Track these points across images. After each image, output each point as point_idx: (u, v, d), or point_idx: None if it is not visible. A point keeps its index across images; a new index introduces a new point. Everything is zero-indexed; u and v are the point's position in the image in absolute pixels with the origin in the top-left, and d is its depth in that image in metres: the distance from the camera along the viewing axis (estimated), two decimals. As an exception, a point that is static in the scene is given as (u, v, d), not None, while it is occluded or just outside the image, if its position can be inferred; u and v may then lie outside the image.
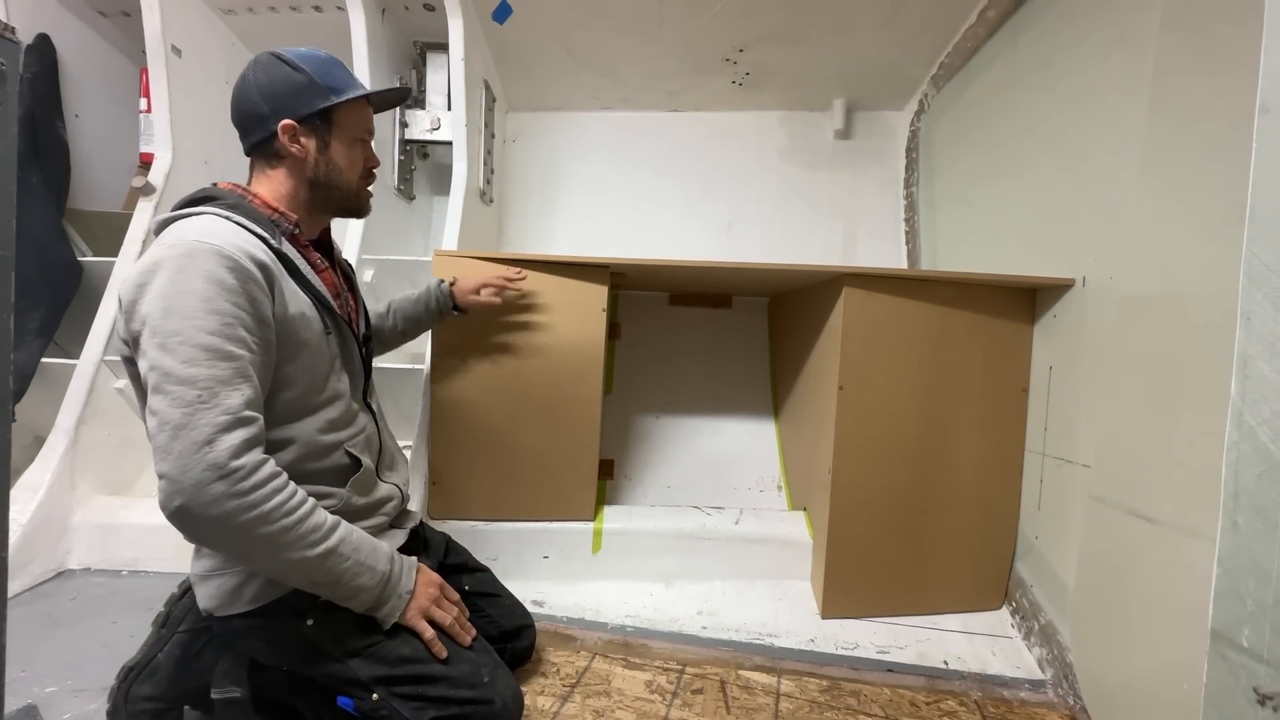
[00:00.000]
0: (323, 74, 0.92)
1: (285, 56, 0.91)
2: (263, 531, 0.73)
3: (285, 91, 0.90)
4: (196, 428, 0.70)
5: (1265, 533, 0.65)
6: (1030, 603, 1.31)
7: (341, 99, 0.92)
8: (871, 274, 1.35)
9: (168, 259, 0.75)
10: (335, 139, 0.94)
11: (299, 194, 0.94)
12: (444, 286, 1.32)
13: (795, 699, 1.12)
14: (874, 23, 1.85)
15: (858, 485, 1.35)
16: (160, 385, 0.72)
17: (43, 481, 1.52)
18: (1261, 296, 0.67)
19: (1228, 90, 0.88)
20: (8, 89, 0.63)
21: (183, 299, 0.73)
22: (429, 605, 0.90)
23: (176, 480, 0.70)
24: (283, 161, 0.92)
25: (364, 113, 0.98)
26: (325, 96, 0.91)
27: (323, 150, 0.93)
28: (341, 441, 0.92)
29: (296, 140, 0.91)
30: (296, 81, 0.90)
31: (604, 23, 1.92)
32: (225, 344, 0.74)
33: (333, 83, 0.92)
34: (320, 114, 0.91)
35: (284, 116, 0.89)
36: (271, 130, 0.89)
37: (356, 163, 0.97)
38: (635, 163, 2.34)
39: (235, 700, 0.90)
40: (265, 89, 0.89)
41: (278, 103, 0.89)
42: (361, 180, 0.99)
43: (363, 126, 0.98)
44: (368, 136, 0.99)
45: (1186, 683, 0.82)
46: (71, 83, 2.02)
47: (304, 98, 0.90)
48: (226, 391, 0.73)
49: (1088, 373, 1.20)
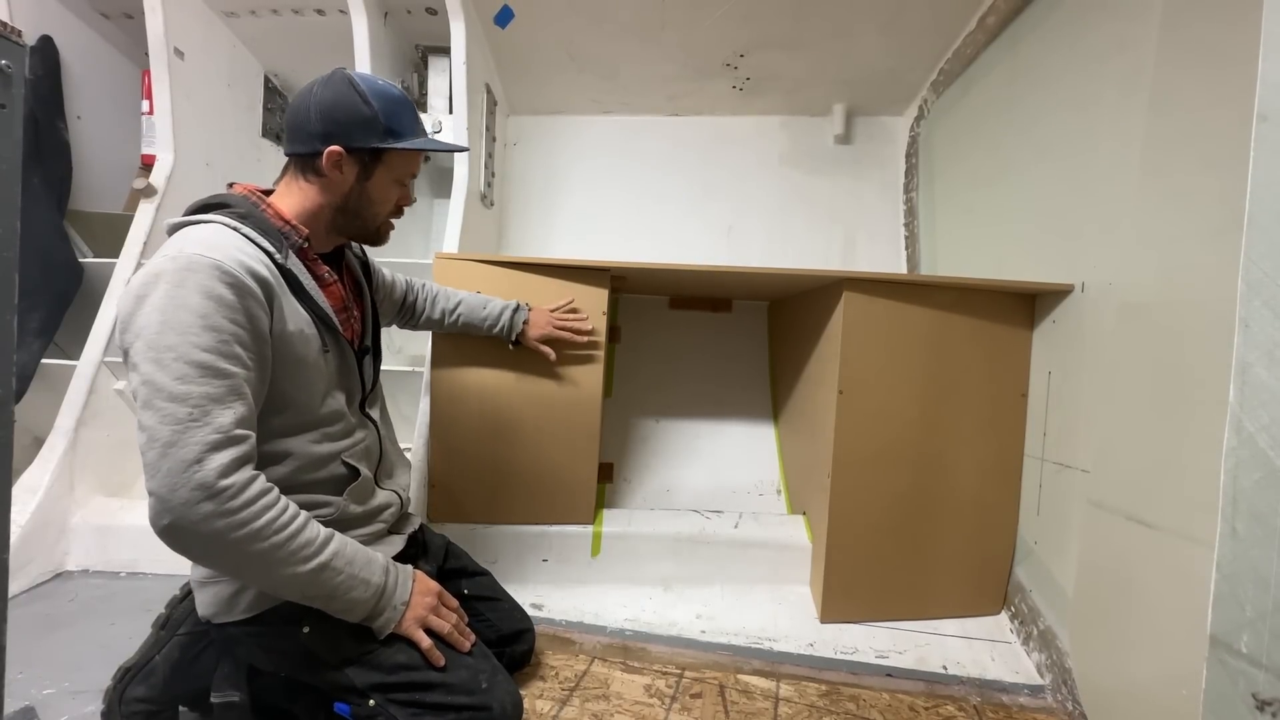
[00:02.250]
0: (389, 114, 0.91)
1: (359, 84, 0.89)
2: (253, 549, 0.73)
3: (345, 119, 0.88)
4: (186, 446, 0.70)
5: (1264, 539, 0.65)
6: (1029, 608, 1.31)
7: (397, 146, 0.91)
8: (871, 279, 1.35)
9: (167, 272, 0.74)
10: (379, 176, 0.93)
11: (323, 213, 0.93)
12: (519, 318, 1.34)
13: (794, 704, 1.12)
14: (874, 28, 1.86)
15: (857, 490, 1.35)
16: (151, 401, 0.71)
17: (42, 483, 1.51)
18: (1260, 303, 0.67)
19: (1226, 97, 0.88)
20: (14, 91, 0.64)
21: (179, 314, 0.73)
22: (426, 614, 0.89)
23: (165, 499, 0.69)
24: (319, 179, 0.91)
25: (415, 160, 0.98)
26: (383, 138, 0.90)
27: (361, 181, 0.92)
28: (338, 453, 0.91)
29: (338, 167, 0.90)
30: (361, 114, 0.89)
31: (605, 27, 1.93)
32: (219, 361, 0.74)
33: (396, 126, 0.91)
34: (371, 151, 0.91)
35: (335, 142, 0.88)
36: (318, 150, 0.88)
37: (390, 200, 0.97)
38: (636, 166, 2.35)
39: (234, 704, 0.90)
40: (326, 109, 0.88)
41: (333, 126, 0.88)
42: (389, 216, 0.99)
43: (408, 171, 0.97)
44: (409, 179, 0.99)
45: (1185, 688, 0.82)
46: (74, 84, 2.02)
47: (361, 132, 0.89)
48: (218, 410, 0.72)
49: (1087, 378, 1.20)
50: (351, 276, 1.05)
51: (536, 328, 1.35)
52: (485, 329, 1.34)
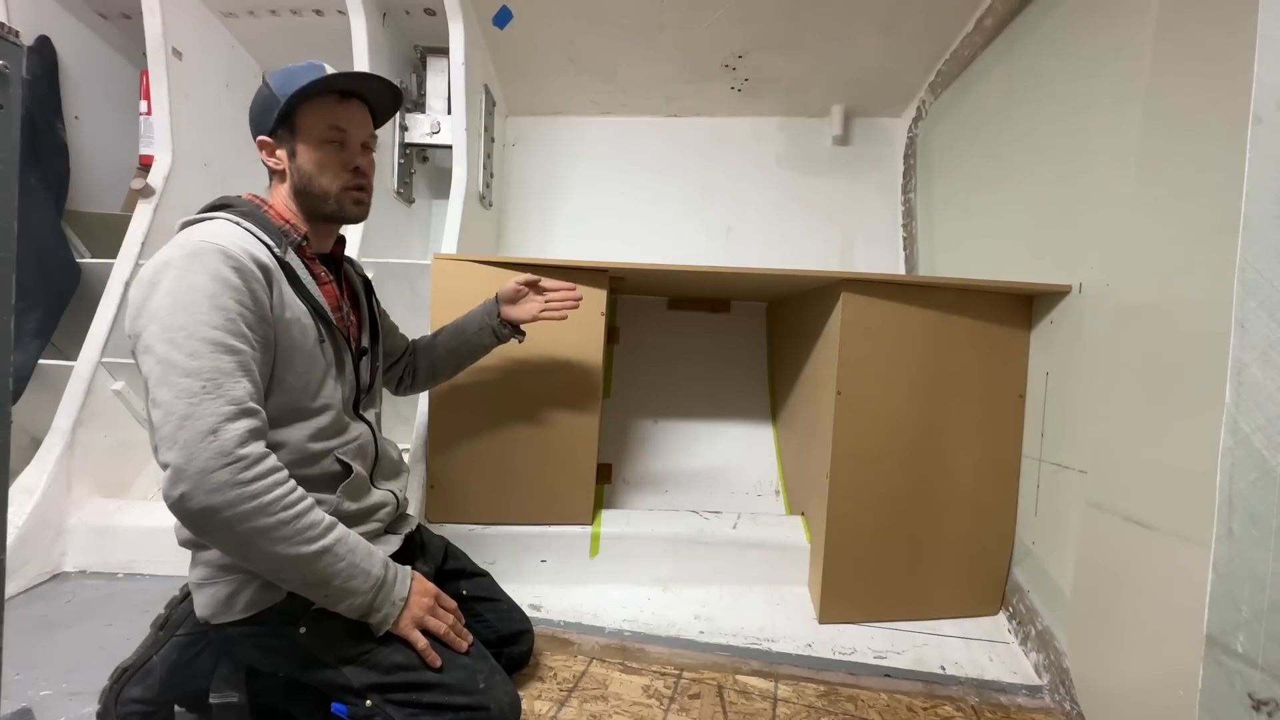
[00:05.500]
0: (283, 83, 0.90)
1: (268, 78, 0.95)
2: (260, 523, 0.74)
3: (257, 110, 0.95)
4: (202, 417, 0.72)
5: (1259, 539, 0.65)
6: (1027, 608, 1.31)
7: (285, 99, 0.89)
8: (869, 279, 1.35)
9: (176, 259, 0.78)
10: (300, 144, 0.92)
11: (292, 205, 0.96)
12: (499, 320, 1.24)
13: (792, 704, 1.12)
14: (872, 30, 1.86)
15: (855, 490, 1.35)
16: (166, 378, 0.73)
17: (39, 483, 1.51)
18: (1255, 304, 0.67)
19: (1222, 99, 0.89)
20: (11, 91, 0.64)
21: (189, 295, 0.76)
22: (422, 615, 0.89)
23: (182, 469, 0.71)
24: (274, 176, 0.97)
25: (329, 112, 0.93)
26: (277, 104, 0.90)
27: (292, 158, 0.94)
28: (331, 449, 0.92)
29: (273, 154, 0.95)
30: (263, 97, 0.94)
31: (604, 28, 1.93)
32: (228, 338, 0.76)
33: (290, 89, 0.89)
34: (283, 124, 0.92)
35: (259, 134, 0.94)
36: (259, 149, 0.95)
37: (328, 165, 0.93)
38: (635, 167, 2.35)
39: (233, 705, 0.90)
40: (250, 112, 0.96)
41: (253, 121, 0.96)
42: (340, 183, 0.95)
43: (326, 124, 0.93)
44: (337, 135, 0.93)
45: (1182, 688, 0.82)
46: (72, 85, 2.02)
47: (267, 113, 0.92)
48: (230, 383, 0.75)
49: (1084, 379, 1.20)
50: (350, 285, 1.07)
51: (520, 310, 1.24)
52: (472, 335, 1.25)
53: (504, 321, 1.25)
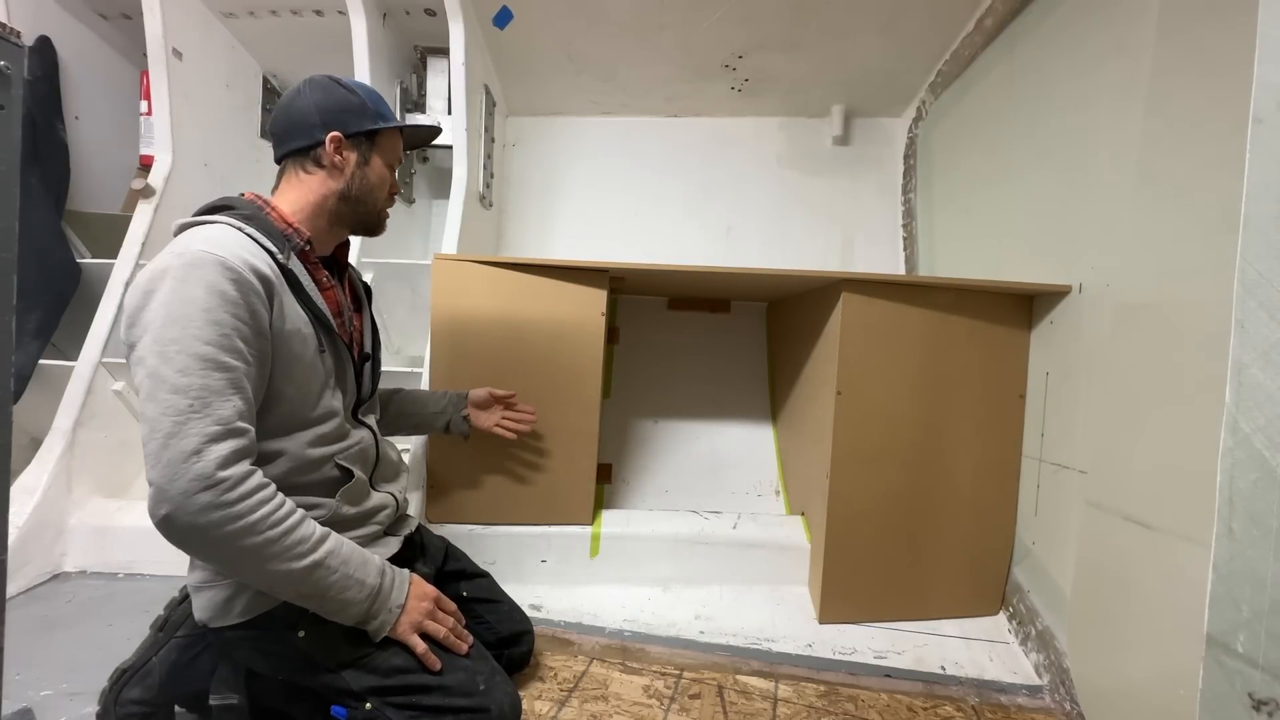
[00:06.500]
0: (374, 100, 1.00)
1: (341, 80, 0.99)
2: (248, 543, 0.73)
3: (339, 108, 0.96)
4: (186, 437, 0.71)
5: (1260, 539, 0.65)
6: (1027, 608, 1.31)
7: (388, 125, 1.00)
8: (869, 279, 1.35)
9: (173, 268, 0.76)
10: (376, 157, 1.00)
11: (326, 203, 0.96)
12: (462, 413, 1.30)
13: (793, 704, 1.12)
14: (873, 30, 1.86)
15: (855, 490, 1.35)
16: (154, 393, 0.72)
17: (39, 483, 1.51)
18: (1255, 304, 0.67)
19: (1222, 99, 0.89)
20: (12, 92, 0.64)
21: (184, 308, 0.74)
22: (421, 619, 0.89)
23: (164, 489, 0.70)
24: (320, 170, 0.96)
25: (399, 142, 1.06)
26: (374, 120, 0.99)
27: (361, 166, 0.98)
28: (331, 455, 0.91)
29: (340, 152, 0.96)
30: (351, 102, 0.97)
31: (604, 28, 1.93)
32: (221, 354, 0.75)
33: (381, 110, 1.01)
34: (367, 134, 0.98)
35: (334, 129, 0.95)
36: (318, 139, 0.94)
37: (386, 184, 1.03)
38: (635, 167, 2.35)
39: (233, 707, 0.90)
40: (321, 104, 0.95)
41: (330, 115, 0.95)
42: (388, 203, 1.05)
43: (395, 154, 1.05)
44: (397, 163, 1.06)
45: (1183, 688, 0.82)
46: (72, 85, 2.02)
47: (355, 117, 0.97)
48: (219, 402, 0.74)
49: (1084, 379, 1.20)
50: (353, 289, 1.07)
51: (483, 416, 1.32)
52: (431, 414, 1.29)
53: (465, 418, 1.31)
